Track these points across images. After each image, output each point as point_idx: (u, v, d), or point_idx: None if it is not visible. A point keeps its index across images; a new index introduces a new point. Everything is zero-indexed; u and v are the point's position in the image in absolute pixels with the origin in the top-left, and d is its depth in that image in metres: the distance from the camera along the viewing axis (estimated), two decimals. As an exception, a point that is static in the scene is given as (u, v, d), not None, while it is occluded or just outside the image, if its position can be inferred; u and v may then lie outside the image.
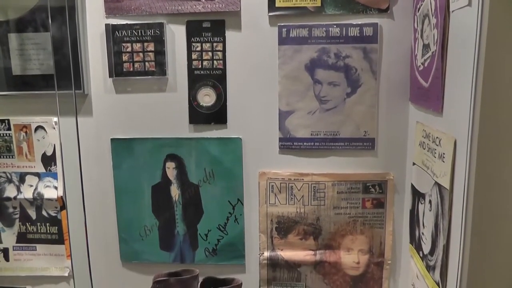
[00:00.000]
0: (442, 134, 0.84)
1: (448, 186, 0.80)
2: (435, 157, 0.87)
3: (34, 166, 1.28)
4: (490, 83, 0.68)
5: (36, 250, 1.34)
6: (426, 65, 0.96)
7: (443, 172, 0.82)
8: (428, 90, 0.94)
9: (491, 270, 0.74)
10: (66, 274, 1.34)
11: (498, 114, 0.69)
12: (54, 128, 1.25)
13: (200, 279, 1.15)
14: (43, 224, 1.31)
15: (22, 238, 1.33)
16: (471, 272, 0.74)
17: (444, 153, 0.82)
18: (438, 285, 0.85)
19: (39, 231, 1.32)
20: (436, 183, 0.86)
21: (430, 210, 0.90)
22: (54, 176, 1.28)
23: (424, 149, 0.95)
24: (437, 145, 0.86)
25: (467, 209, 0.73)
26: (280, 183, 1.22)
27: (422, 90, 0.99)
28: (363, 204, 1.21)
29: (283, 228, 1.24)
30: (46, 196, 1.28)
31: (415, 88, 1.07)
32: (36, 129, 1.26)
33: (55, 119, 1.24)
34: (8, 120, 1.27)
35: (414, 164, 1.04)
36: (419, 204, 1.00)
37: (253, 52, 1.18)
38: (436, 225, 0.86)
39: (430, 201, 0.91)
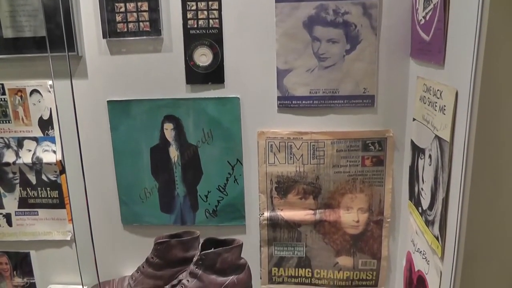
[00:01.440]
0: (443, 87, 0.83)
1: (448, 139, 0.79)
2: (435, 110, 0.86)
3: (31, 131, 1.27)
4: (494, 32, 0.66)
5: (38, 214, 1.34)
6: (427, 18, 0.93)
7: (443, 124, 0.81)
8: (429, 44, 0.92)
9: (490, 221, 0.74)
10: (69, 238, 1.35)
11: (501, 63, 0.67)
12: (50, 92, 1.23)
13: (201, 240, 1.16)
14: (43, 188, 1.31)
15: (23, 203, 1.34)
16: (470, 224, 0.74)
17: (445, 105, 0.81)
18: (437, 239, 0.85)
19: (40, 195, 1.32)
20: (436, 137, 0.85)
21: (430, 165, 0.90)
22: (52, 140, 1.27)
23: (425, 103, 0.94)
24: (438, 98, 0.85)
25: (467, 160, 0.72)
26: (279, 142, 1.21)
27: (423, 44, 0.97)
28: (363, 162, 1.20)
29: (282, 187, 1.24)
30: (45, 160, 1.28)
31: (416, 42, 1.04)
32: (31, 93, 1.24)
33: (50, 82, 1.23)
34: (2, 84, 1.25)
35: (414, 119, 1.03)
36: (419, 159, 0.99)
37: (250, 10, 1.15)
38: (436, 179, 0.86)
39: (430, 156, 0.90)
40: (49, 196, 1.32)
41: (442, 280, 0.85)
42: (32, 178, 1.31)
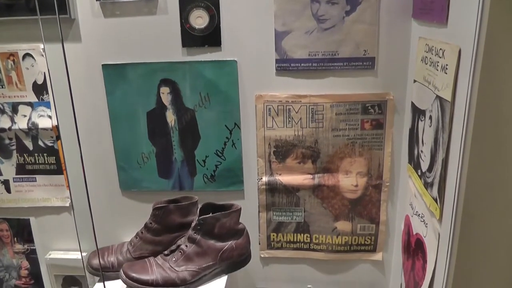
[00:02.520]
0: (445, 45, 0.80)
1: (449, 98, 0.77)
2: (437, 70, 0.84)
3: (26, 96, 1.25)
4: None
5: (36, 181, 1.34)
6: (430, -24, 0.90)
7: (445, 84, 0.79)
8: (432, 2, 0.90)
9: (490, 182, 0.73)
10: (67, 204, 1.35)
11: (506, 18, 0.65)
12: (43, 56, 1.21)
13: (199, 205, 1.16)
14: (40, 154, 1.30)
15: (21, 169, 1.33)
16: (469, 185, 0.73)
17: (447, 64, 0.79)
18: (436, 201, 0.85)
19: (37, 161, 1.31)
20: (437, 97, 0.83)
21: (430, 126, 0.88)
22: (47, 105, 1.25)
23: (426, 64, 0.91)
24: (440, 57, 0.83)
25: (468, 120, 0.71)
26: (278, 106, 1.19)
27: (425, 3, 0.94)
28: (362, 125, 1.19)
29: (281, 152, 1.23)
30: (40, 125, 1.26)
31: (418, 2, 1.01)
32: (24, 57, 1.22)
33: (43, 45, 1.20)
34: (-7, 48, 1.22)
35: (415, 81, 1.01)
36: (419, 121, 0.98)
37: (247, -31, 1.11)
38: (436, 140, 0.85)
39: (430, 117, 0.89)
40: (46, 162, 1.31)
41: (440, 242, 0.85)
42: (29, 144, 1.29)
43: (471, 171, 0.72)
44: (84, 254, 1.30)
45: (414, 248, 1.03)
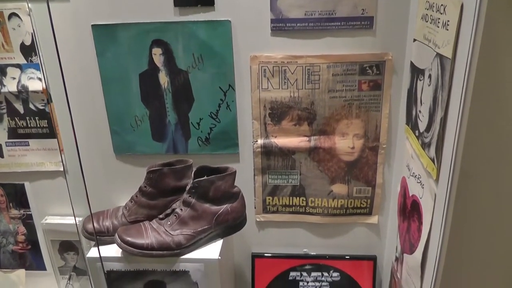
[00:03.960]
0: (447, 1, 0.77)
1: (450, 55, 0.75)
2: (438, 27, 0.81)
3: (14, 57, 1.21)
4: None
5: (29, 145, 1.32)
6: None
7: (446, 41, 0.77)
8: (433, -44, 0.86)
9: (489, 140, 0.71)
10: (62, 169, 1.33)
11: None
12: (30, 15, 1.16)
13: (194, 169, 1.14)
14: (32, 118, 1.28)
15: (13, 133, 1.31)
16: (468, 143, 0.71)
17: (448, 20, 0.76)
18: (433, 162, 0.84)
19: (29, 125, 1.29)
20: (438, 55, 0.81)
21: (429, 85, 0.86)
22: (37, 67, 1.22)
23: (427, 21, 0.88)
24: (441, 14, 0.80)
25: (469, 77, 0.69)
26: (273, 67, 1.16)
27: (427, -43, 0.90)
28: (359, 86, 1.16)
29: (276, 114, 1.21)
30: (31, 88, 1.23)
31: (419, -44, 0.97)
32: (9, 16, 1.17)
33: (30, 4, 1.15)
34: (-23, 7, 1.17)
35: (414, 40, 0.98)
36: (418, 81, 0.96)
37: None
38: (435, 99, 0.83)
39: (429, 76, 0.86)
40: (38, 125, 1.29)
41: (436, 203, 0.84)
42: (20, 107, 1.27)
43: (469, 130, 0.70)
44: (80, 219, 1.30)
45: (410, 210, 1.03)
